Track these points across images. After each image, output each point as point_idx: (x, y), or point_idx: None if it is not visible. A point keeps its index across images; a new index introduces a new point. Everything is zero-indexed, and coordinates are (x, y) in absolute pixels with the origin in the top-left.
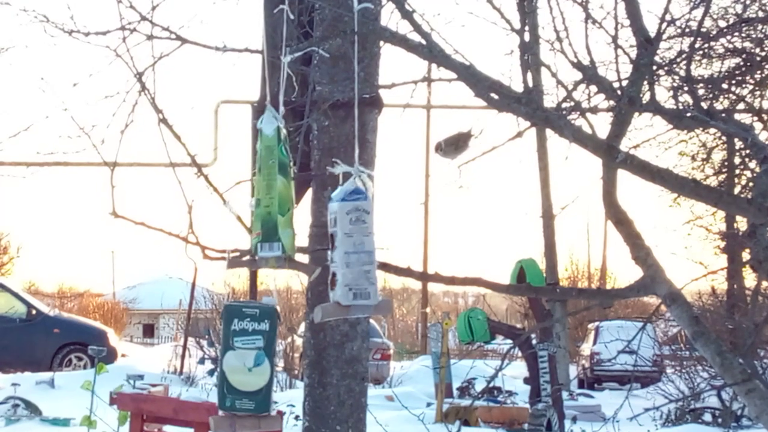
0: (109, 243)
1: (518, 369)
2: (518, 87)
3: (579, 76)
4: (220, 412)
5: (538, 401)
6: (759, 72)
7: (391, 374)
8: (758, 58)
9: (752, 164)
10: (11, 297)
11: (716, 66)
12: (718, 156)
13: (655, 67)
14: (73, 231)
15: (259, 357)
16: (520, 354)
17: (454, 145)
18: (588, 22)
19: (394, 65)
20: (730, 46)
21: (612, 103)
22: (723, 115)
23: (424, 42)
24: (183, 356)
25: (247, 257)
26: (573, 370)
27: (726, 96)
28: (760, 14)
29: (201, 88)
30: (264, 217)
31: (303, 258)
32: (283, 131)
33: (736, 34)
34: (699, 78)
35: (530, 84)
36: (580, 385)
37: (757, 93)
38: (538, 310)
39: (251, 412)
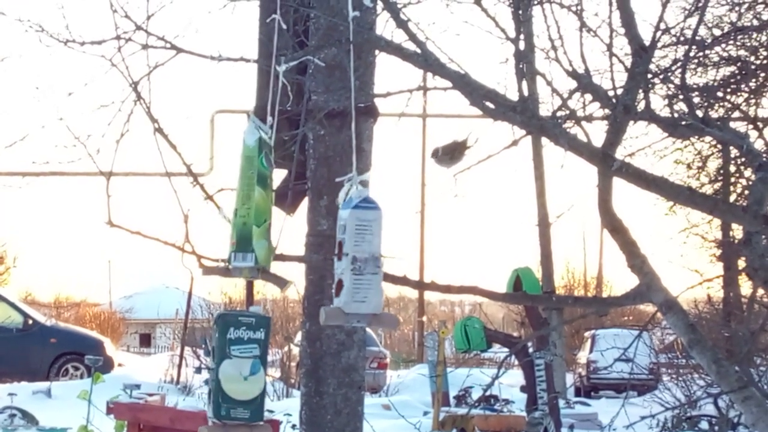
0: (105, 253)
1: (515, 377)
2: (513, 96)
3: (574, 84)
4: (210, 422)
5: (535, 409)
6: (754, 80)
7: (387, 383)
8: (753, 67)
9: (747, 172)
10: (8, 307)
11: (711, 74)
12: (714, 164)
13: (650, 76)
14: (69, 241)
15: (255, 365)
16: (516, 362)
17: (450, 155)
18: (583, 30)
19: (390, 74)
20: (725, 54)
21: (607, 111)
22: (718, 123)
23: (419, 51)
24: (180, 366)
25: (218, 266)
26: (569, 378)
27: (721, 104)
28: (755, 23)
29: (197, 98)
30: (239, 227)
31: (300, 267)
32: (267, 142)
33: (731, 42)
34: (694, 86)
35: (525, 93)
36: (577, 393)
37: (753, 101)
38: (534, 319)
39: (246, 421)
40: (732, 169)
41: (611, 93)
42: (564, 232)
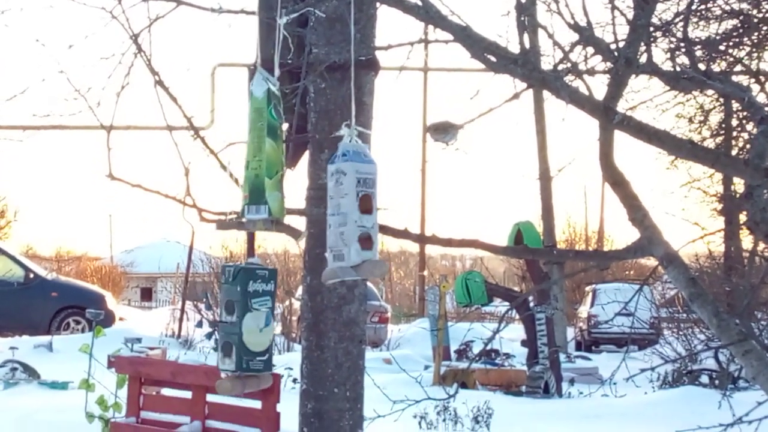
0: (106, 207)
1: (516, 331)
2: (515, 49)
3: (576, 37)
4: (223, 375)
5: (536, 363)
6: (756, 33)
7: (388, 337)
8: (755, 20)
9: (750, 126)
10: (9, 261)
11: (713, 27)
12: (716, 118)
13: (652, 29)
14: (70, 194)
15: (268, 317)
16: (517, 316)
17: (441, 130)
18: None
19: (391, 27)
20: (728, 7)
21: (609, 64)
22: (720, 76)
23: (420, 3)
24: (181, 320)
25: (235, 219)
26: (570, 333)
27: (723, 57)
28: None
29: (198, 51)
30: (252, 179)
31: (301, 220)
32: (276, 93)
33: None
34: (696, 39)
35: (527, 45)
36: (578, 348)
37: (755, 54)
38: (535, 273)
39: (260, 371)
40: (734, 122)
41: (613, 46)
42: (565, 186)
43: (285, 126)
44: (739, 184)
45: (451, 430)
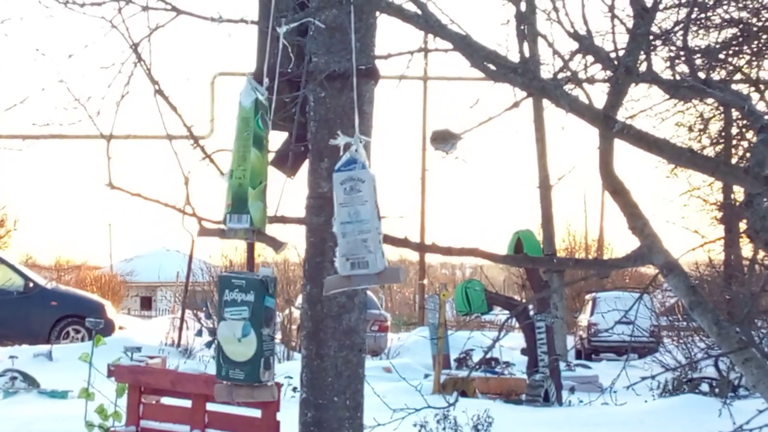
0: (106, 216)
1: (515, 340)
2: (515, 57)
3: (576, 46)
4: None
5: (536, 372)
6: (756, 42)
7: (388, 346)
8: (755, 29)
9: (749, 134)
10: (8, 270)
11: (713, 36)
12: (715, 126)
13: (651, 37)
14: (70, 204)
15: (246, 327)
16: (517, 325)
17: (442, 138)
18: None
19: (391, 36)
20: (727, 16)
21: (609, 73)
22: (720, 85)
23: (419, 12)
24: (180, 329)
25: (217, 227)
26: (570, 341)
27: (723, 66)
28: None
29: (197, 60)
30: (235, 188)
31: (301, 229)
32: (264, 103)
33: (733, 4)
34: (696, 48)
35: (527, 54)
36: (578, 356)
37: (754, 63)
38: (535, 281)
39: (241, 381)
40: (734, 131)
41: (613, 55)
42: (565, 195)
43: (286, 135)
44: (739, 193)
45: None
